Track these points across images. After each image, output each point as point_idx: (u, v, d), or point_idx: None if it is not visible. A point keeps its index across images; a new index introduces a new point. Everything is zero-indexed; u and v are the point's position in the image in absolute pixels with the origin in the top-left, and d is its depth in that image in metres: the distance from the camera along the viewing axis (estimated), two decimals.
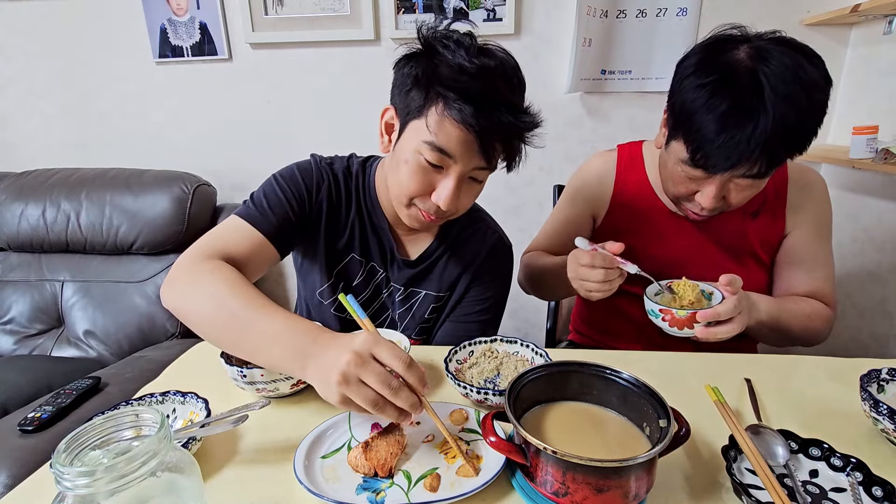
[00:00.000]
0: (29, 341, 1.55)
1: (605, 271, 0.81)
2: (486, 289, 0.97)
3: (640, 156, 1.05)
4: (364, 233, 0.93)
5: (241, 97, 1.82)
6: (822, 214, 0.99)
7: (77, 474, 0.37)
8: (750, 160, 0.75)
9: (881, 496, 0.54)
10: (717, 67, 0.77)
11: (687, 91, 0.79)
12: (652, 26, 1.64)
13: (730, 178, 0.80)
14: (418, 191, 0.78)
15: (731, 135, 0.74)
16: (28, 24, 1.80)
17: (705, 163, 0.78)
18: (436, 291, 0.96)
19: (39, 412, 1.02)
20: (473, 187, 0.82)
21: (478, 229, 0.97)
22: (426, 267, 0.95)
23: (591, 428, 0.60)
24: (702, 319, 0.78)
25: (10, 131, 1.94)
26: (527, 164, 0.85)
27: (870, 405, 0.63)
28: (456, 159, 0.74)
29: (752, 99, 0.73)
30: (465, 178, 0.78)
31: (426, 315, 0.97)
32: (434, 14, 1.66)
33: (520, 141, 0.78)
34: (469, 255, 0.95)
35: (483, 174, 0.80)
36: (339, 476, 0.59)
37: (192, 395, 0.69)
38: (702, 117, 0.76)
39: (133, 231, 1.55)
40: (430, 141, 0.73)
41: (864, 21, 1.52)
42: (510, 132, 0.75)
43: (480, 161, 0.76)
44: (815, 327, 0.94)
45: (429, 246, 0.94)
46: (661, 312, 0.81)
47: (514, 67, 0.78)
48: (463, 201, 0.81)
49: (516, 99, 0.77)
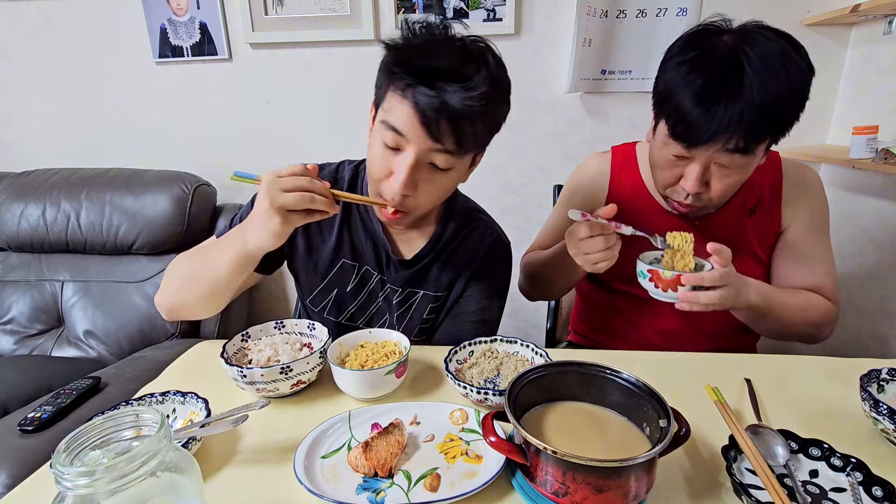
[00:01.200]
0: (29, 341, 1.55)
1: (605, 238, 0.81)
2: (485, 288, 0.96)
3: (634, 156, 1.06)
4: (355, 237, 0.92)
5: (241, 97, 1.82)
6: (818, 210, 0.98)
7: (77, 474, 0.37)
8: (726, 133, 0.76)
9: (881, 496, 0.54)
10: (700, 46, 0.79)
11: (669, 69, 0.81)
12: (652, 26, 1.64)
13: (711, 157, 0.81)
14: (380, 173, 0.78)
15: (708, 107, 0.75)
16: (28, 24, 1.80)
17: (685, 135, 0.79)
18: (433, 292, 0.95)
19: (39, 412, 1.02)
20: (435, 177, 0.77)
21: (475, 228, 0.96)
22: (423, 267, 0.93)
23: (591, 428, 0.60)
24: (686, 283, 0.79)
25: (10, 131, 1.94)
26: (527, 164, 0.85)
27: (870, 405, 0.63)
28: (407, 138, 0.73)
29: (731, 74, 0.75)
30: (424, 164, 0.75)
31: (425, 316, 0.96)
32: (434, 14, 1.66)
33: (471, 123, 0.73)
34: (467, 255, 0.94)
35: (443, 160, 0.75)
36: (339, 476, 0.59)
37: (192, 395, 0.69)
38: (681, 91, 0.78)
39: (133, 231, 1.55)
40: (384, 119, 0.74)
41: (864, 21, 1.52)
42: (456, 112, 0.70)
43: (429, 141, 0.72)
44: (811, 319, 0.93)
45: (425, 245, 0.93)
46: (648, 273, 0.82)
47: (482, 51, 0.75)
48: (423, 190, 0.78)
49: (471, 79, 0.71)
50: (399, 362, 0.73)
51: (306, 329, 0.85)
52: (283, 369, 0.70)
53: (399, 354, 0.77)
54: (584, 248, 0.83)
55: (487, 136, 0.80)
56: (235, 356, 0.78)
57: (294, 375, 0.71)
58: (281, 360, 0.76)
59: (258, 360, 0.76)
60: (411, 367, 0.83)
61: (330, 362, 0.73)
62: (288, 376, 0.71)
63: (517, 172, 1.84)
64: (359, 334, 0.82)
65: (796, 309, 0.92)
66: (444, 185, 0.80)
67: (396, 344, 0.80)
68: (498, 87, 0.76)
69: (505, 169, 1.84)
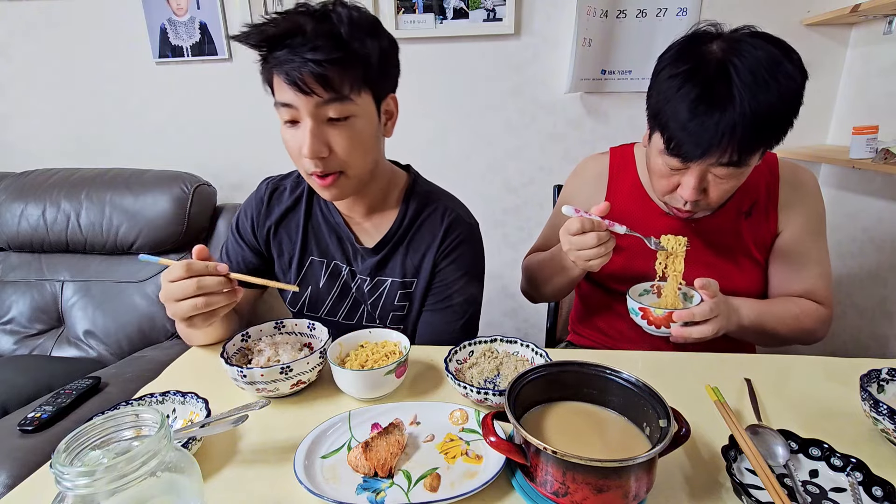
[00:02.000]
0: (29, 341, 1.55)
1: (597, 234, 0.82)
2: (455, 269, 0.94)
3: (632, 157, 1.06)
4: (319, 233, 0.96)
5: (241, 97, 1.82)
6: (815, 212, 0.98)
7: (77, 474, 0.37)
8: (720, 147, 0.76)
9: (881, 496, 0.54)
10: (690, 58, 0.79)
11: (661, 82, 0.81)
12: (652, 26, 1.64)
13: (707, 168, 0.81)
14: (295, 152, 0.79)
15: (701, 122, 0.75)
16: (28, 24, 1.80)
17: (679, 150, 0.79)
18: (401, 277, 0.95)
19: (39, 412, 1.02)
20: (341, 130, 0.77)
21: (434, 210, 0.94)
22: (387, 253, 0.94)
23: (591, 428, 0.60)
24: (678, 319, 0.81)
25: (10, 131, 1.94)
26: (527, 164, 0.85)
27: (870, 405, 0.63)
28: (295, 106, 0.75)
29: (720, 87, 0.74)
30: (322, 122, 0.76)
31: (396, 303, 0.96)
32: (434, 14, 1.66)
33: (336, 66, 0.72)
34: (427, 238, 0.93)
35: (335, 109, 0.75)
36: (339, 476, 0.59)
37: (192, 395, 0.69)
38: (674, 106, 0.78)
39: (133, 231, 1.55)
40: (275, 102, 0.78)
41: (864, 21, 1.52)
42: (315, 60, 0.71)
43: (310, 98, 0.73)
44: (806, 327, 0.94)
45: (387, 232, 0.93)
46: (640, 311, 0.85)
47: (326, 3, 0.76)
48: (337, 146, 0.78)
49: (319, 28, 0.73)
50: (399, 362, 0.73)
51: (306, 329, 0.85)
52: (283, 369, 0.70)
53: (399, 354, 0.77)
54: (576, 245, 0.84)
55: (368, 75, 0.77)
56: (235, 356, 0.78)
57: (294, 375, 0.71)
58: (281, 360, 0.76)
59: (258, 360, 0.76)
60: (411, 367, 0.83)
61: (330, 362, 0.73)
62: (288, 376, 0.71)
63: (517, 172, 1.84)
64: (359, 334, 0.82)
65: (790, 320, 0.93)
66: (354, 135, 0.78)
67: (396, 344, 0.80)
68: (354, 24, 0.75)
69: (505, 169, 1.84)
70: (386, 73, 0.82)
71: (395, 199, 0.96)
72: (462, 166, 1.84)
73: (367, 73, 0.77)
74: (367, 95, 0.79)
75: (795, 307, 0.94)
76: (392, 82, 0.85)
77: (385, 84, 0.83)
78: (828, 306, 0.97)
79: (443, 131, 1.81)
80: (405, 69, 0.89)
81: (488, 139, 1.81)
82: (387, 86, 0.84)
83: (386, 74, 0.82)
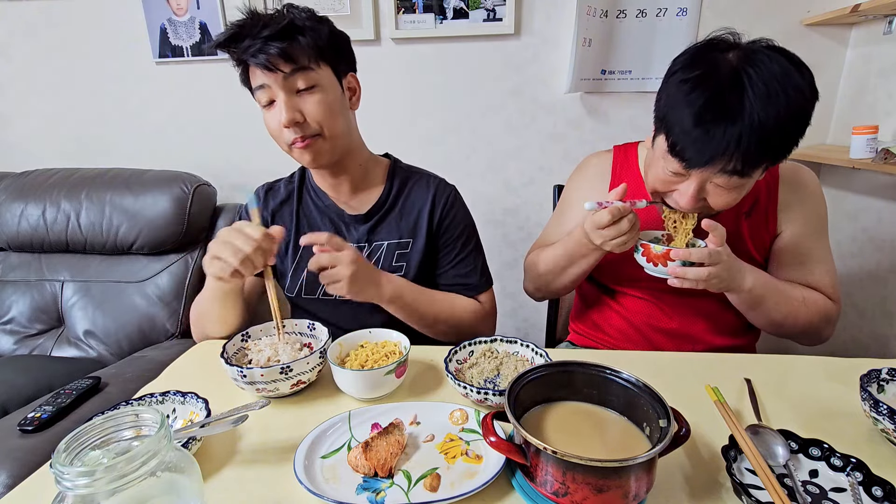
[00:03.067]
0: (29, 341, 1.55)
1: (627, 219, 0.84)
2: (455, 225, 1.04)
3: (636, 156, 1.05)
4: (311, 217, 1.04)
5: (241, 97, 1.81)
6: (816, 211, 0.98)
7: (77, 474, 0.37)
8: (724, 157, 0.75)
9: (881, 496, 0.54)
10: (703, 64, 0.78)
11: (672, 85, 0.80)
12: (652, 26, 1.63)
13: (708, 177, 0.81)
14: (275, 130, 0.89)
15: (707, 129, 0.75)
16: (28, 24, 1.80)
17: (683, 156, 0.79)
18: (397, 238, 1.02)
19: (39, 412, 1.02)
20: (311, 97, 0.87)
21: (419, 179, 1.06)
22: (379, 219, 1.02)
23: (591, 428, 0.60)
24: (674, 258, 0.82)
25: (10, 131, 1.94)
26: (527, 164, 0.85)
27: (870, 405, 0.63)
28: (267, 85, 0.86)
29: (732, 97, 0.74)
30: (292, 93, 0.86)
31: (393, 264, 1.02)
32: (434, 14, 1.66)
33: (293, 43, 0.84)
34: (418, 202, 1.03)
35: (302, 80, 0.86)
36: (339, 476, 0.59)
37: (192, 395, 0.69)
38: (681, 110, 0.77)
39: (133, 231, 1.55)
40: (252, 88, 0.89)
41: (864, 21, 1.52)
42: (274, 37, 0.82)
43: (277, 75, 0.84)
44: (809, 315, 0.93)
45: (377, 201, 1.02)
46: (641, 247, 0.87)
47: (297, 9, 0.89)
48: (310, 113, 0.87)
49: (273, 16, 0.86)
50: (399, 362, 0.73)
51: (306, 329, 0.85)
52: (283, 369, 0.70)
53: (399, 354, 0.77)
54: (609, 235, 0.85)
55: (321, 50, 0.87)
56: (235, 356, 0.79)
57: (294, 375, 0.71)
58: (281, 360, 0.76)
59: (258, 360, 0.76)
60: (411, 367, 0.83)
61: (330, 362, 0.73)
62: (288, 376, 0.71)
63: (517, 172, 1.84)
64: (359, 334, 0.82)
65: (795, 302, 0.92)
66: (322, 100, 0.88)
67: (396, 344, 0.80)
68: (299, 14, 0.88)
69: (505, 169, 1.84)
70: (339, 52, 0.92)
71: (379, 177, 1.05)
72: (462, 166, 1.84)
73: (319, 48, 0.87)
74: (326, 68, 0.89)
75: (804, 292, 0.94)
76: (349, 63, 0.96)
77: (341, 62, 0.93)
78: (836, 302, 0.97)
79: (443, 131, 1.81)
80: (405, 69, 0.90)
81: (488, 139, 1.81)
82: (343, 65, 0.94)
83: (339, 53, 0.93)
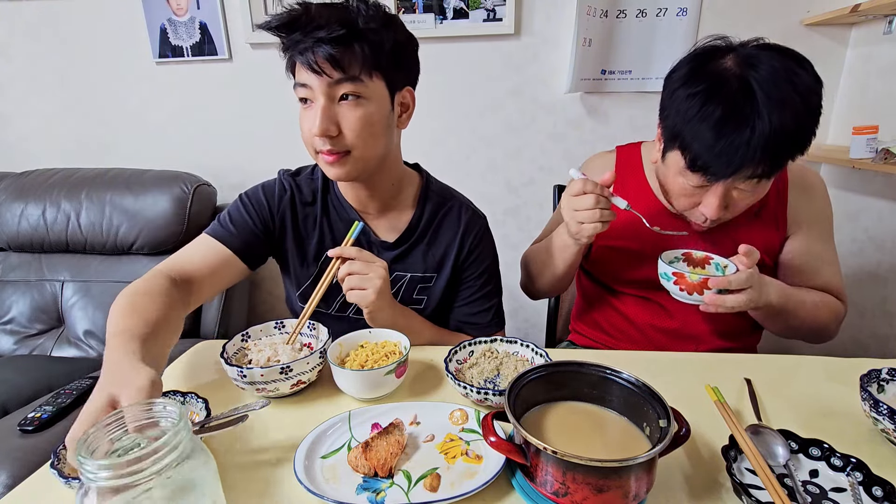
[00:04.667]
0: (29, 341, 1.55)
1: (595, 196, 0.81)
2: (480, 262, 0.99)
3: (639, 157, 1.05)
4: (335, 230, 0.96)
5: (241, 97, 1.82)
6: (824, 215, 0.99)
7: (98, 467, 0.38)
8: (752, 163, 0.76)
9: (881, 496, 0.54)
10: (707, 76, 0.78)
11: (679, 102, 0.80)
12: (652, 26, 1.63)
13: (732, 184, 0.80)
14: (306, 131, 0.82)
15: (730, 140, 0.74)
16: (28, 24, 1.80)
17: (706, 171, 0.79)
18: (421, 273, 0.97)
19: (39, 412, 1.02)
20: (352, 110, 0.79)
21: (451, 208, 0.99)
22: (407, 249, 0.96)
23: (591, 428, 0.60)
24: (713, 286, 0.78)
25: (10, 131, 1.94)
26: (527, 164, 0.85)
27: (870, 405, 0.63)
28: (309, 85, 0.79)
29: (745, 105, 0.74)
30: (333, 101, 0.79)
31: (413, 296, 0.98)
32: (434, 14, 1.66)
33: (347, 49, 0.76)
34: (448, 234, 0.97)
35: (347, 88, 0.78)
36: (339, 476, 0.59)
37: (192, 395, 0.69)
38: (696, 126, 0.77)
39: (133, 231, 1.55)
40: (294, 84, 0.81)
41: (864, 21, 1.52)
42: (328, 40, 0.75)
43: (321, 78, 0.77)
44: (822, 319, 0.94)
45: (406, 228, 0.95)
46: (673, 275, 0.82)
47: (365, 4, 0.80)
48: (347, 127, 0.80)
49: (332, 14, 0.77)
50: (399, 362, 0.73)
51: (306, 329, 0.85)
52: (283, 369, 0.70)
53: (399, 354, 0.77)
54: (573, 205, 0.83)
55: (378, 60, 0.79)
56: (235, 356, 0.78)
57: (294, 375, 0.71)
58: (281, 360, 0.76)
59: (258, 360, 0.76)
60: (411, 367, 0.83)
61: (330, 362, 0.73)
62: (288, 376, 0.71)
63: (517, 172, 1.84)
64: (359, 334, 0.82)
65: (811, 306, 0.93)
66: (363, 117, 0.80)
67: (396, 344, 0.80)
68: (367, 13, 0.78)
69: (505, 169, 1.84)
70: (399, 64, 0.83)
71: (410, 198, 0.97)
72: (462, 166, 1.84)
73: (377, 59, 0.79)
74: (378, 81, 0.81)
75: (817, 296, 0.95)
76: (407, 75, 0.87)
77: (399, 75, 0.84)
78: (844, 302, 0.98)
79: (443, 131, 1.81)
80: None
81: (488, 139, 1.81)
82: (401, 77, 0.85)
83: (399, 65, 0.83)
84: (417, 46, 0.87)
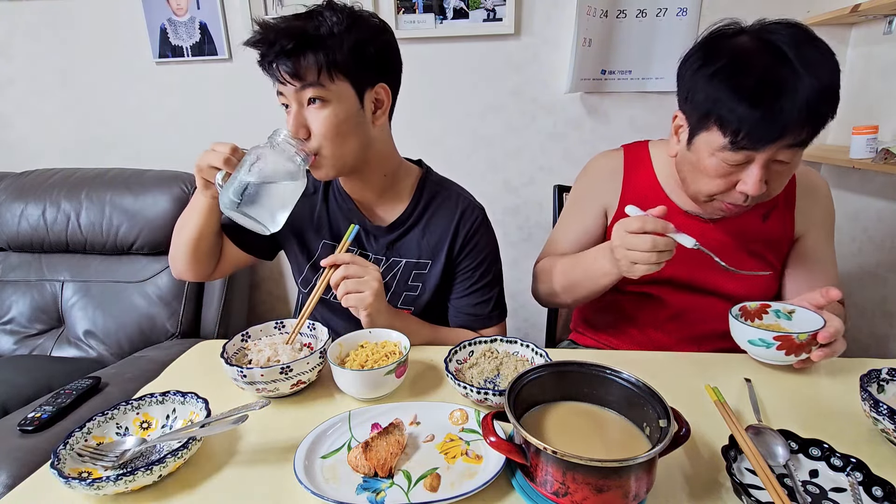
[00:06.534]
0: (29, 341, 1.55)
1: (654, 239, 0.76)
2: (476, 253, 1.00)
3: (647, 155, 1.04)
4: (332, 218, 1.00)
5: (241, 97, 1.82)
6: (829, 217, 1.00)
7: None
8: (798, 126, 0.75)
9: (881, 496, 0.54)
10: (724, 54, 0.78)
11: (703, 81, 0.79)
12: (652, 26, 1.63)
13: (773, 155, 0.79)
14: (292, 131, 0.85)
15: (771, 105, 0.74)
16: (29, 24, 1.80)
17: (749, 141, 0.77)
18: (416, 258, 0.99)
19: (39, 412, 1.02)
20: (319, 112, 0.82)
21: (447, 197, 1.00)
22: (402, 233, 0.98)
23: (591, 428, 0.60)
24: (823, 340, 0.73)
25: (10, 131, 1.94)
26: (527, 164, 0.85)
27: (870, 405, 0.63)
28: (283, 93, 0.83)
29: (783, 69, 0.74)
30: (303, 106, 0.83)
31: (409, 283, 0.99)
32: (434, 14, 1.66)
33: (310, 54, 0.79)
34: (443, 222, 0.98)
35: (313, 92, 0.81)
36: (339, 476, 0.59)
37: (192, 395, 0.69)
38: (730, 99, 0.76)
39: (133, 231, 1.55)
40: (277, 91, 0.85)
41: (864, 21, 1.52)
42: (291, 48, 0.78)
43: (288, 85, 0.81)
44: None
45: (401, 214, 0.98)
46: (776, 340, 0.74)
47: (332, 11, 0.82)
48: (316, 130, 0.83)
49: (298, 23, 0.81)
50: (399, 362, 0.73)
51: (306, 329, 0.85)
52: (283, 369, 0.70)
53: (399, 354, 0.77)
54: (629, 243, 0.78)
55: (338, 64, 0.81)
56: (235, 356, 0.79)
57: (294, 375, 0.71)
58: (281, 360, 0.76)
59: (258, 360, 0.76)
60: (411, 367, 0.83)
61: (330, 362, 0.73)
62: (288, 376, 0.71)
63: (517, 172, 1.84)
64: (359, 334, 0.82)
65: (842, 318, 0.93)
66: (329, 118, 0.82)
67: (396, 344, 0.80)
68: (327, 20, 0.81)
69: (505, 169, 1.84)
70: (364, 63, 0.83)
71: (408, 188, 0.99)
72: (462, 166, 1.84)
73: (334, 62, 0.80)
74: (342, 82, 0.82)
75: (835, 306, 0.95)
76: (379, 73, 0.87)
77: (366, 73, 0.84)
78: (843, 303, 0.98)
79: (443, 131, 1.81)
80: (405, 69, 0.89)
81: (488, 139, 1.81)
82: (370, 75, 0.85)
83: (364, 64, 0.83)
84: (390, 42, 0.88)
